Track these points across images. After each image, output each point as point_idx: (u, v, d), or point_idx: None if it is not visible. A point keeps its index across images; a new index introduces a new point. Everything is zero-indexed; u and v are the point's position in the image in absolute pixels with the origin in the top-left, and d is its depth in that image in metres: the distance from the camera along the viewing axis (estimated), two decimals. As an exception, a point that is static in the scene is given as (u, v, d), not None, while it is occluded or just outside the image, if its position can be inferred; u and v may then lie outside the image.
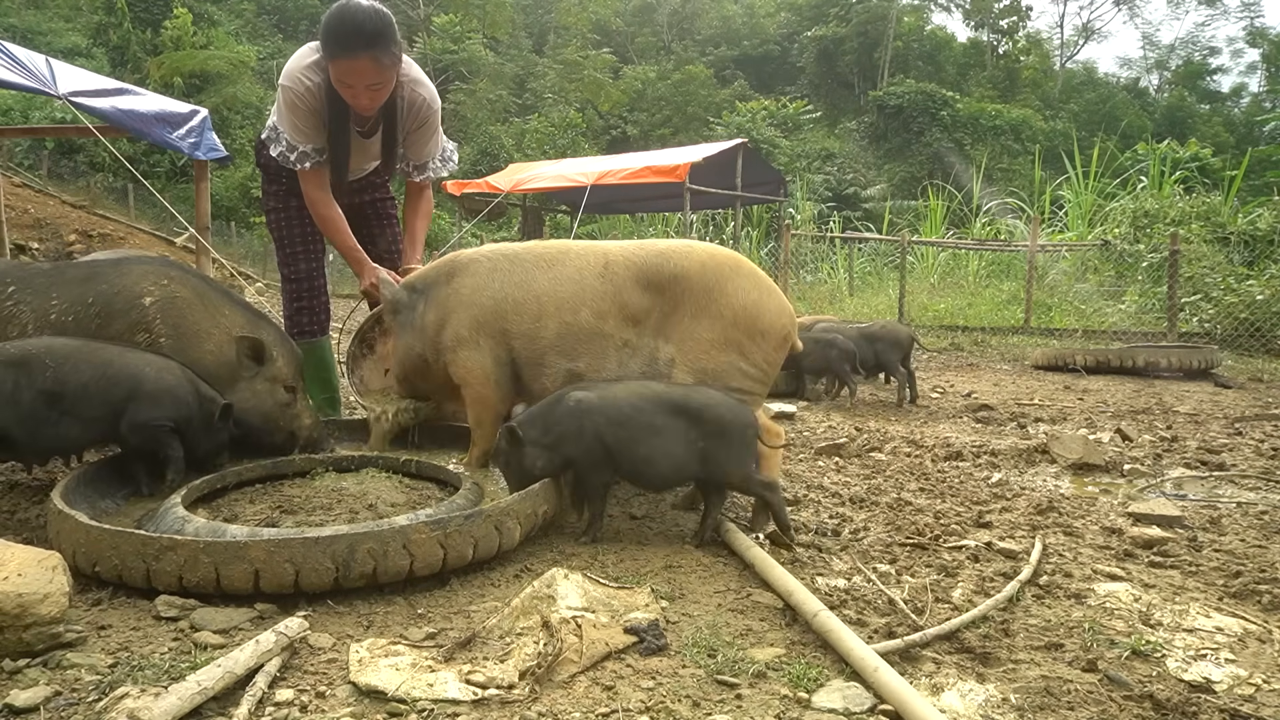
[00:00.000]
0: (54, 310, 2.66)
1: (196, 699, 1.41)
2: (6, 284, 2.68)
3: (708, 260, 2.50)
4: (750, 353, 2.45)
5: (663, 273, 2.50)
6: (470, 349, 2.65)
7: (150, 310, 2.70)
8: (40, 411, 2.32)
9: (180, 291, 2.77)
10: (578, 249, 2.66)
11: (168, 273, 2.81)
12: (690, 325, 2.46)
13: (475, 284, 2.68)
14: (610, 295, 2.53)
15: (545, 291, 2.59)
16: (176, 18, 24.86)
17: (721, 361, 2.44)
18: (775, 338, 2.46)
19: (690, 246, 2.56)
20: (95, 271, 2.79)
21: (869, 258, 16.12)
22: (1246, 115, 37.58)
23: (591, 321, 2.54)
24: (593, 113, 33.35)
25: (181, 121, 6.58)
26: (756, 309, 2.44)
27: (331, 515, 2.46)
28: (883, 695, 1.53)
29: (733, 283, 2.45)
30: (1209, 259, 9.77)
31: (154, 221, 20.25)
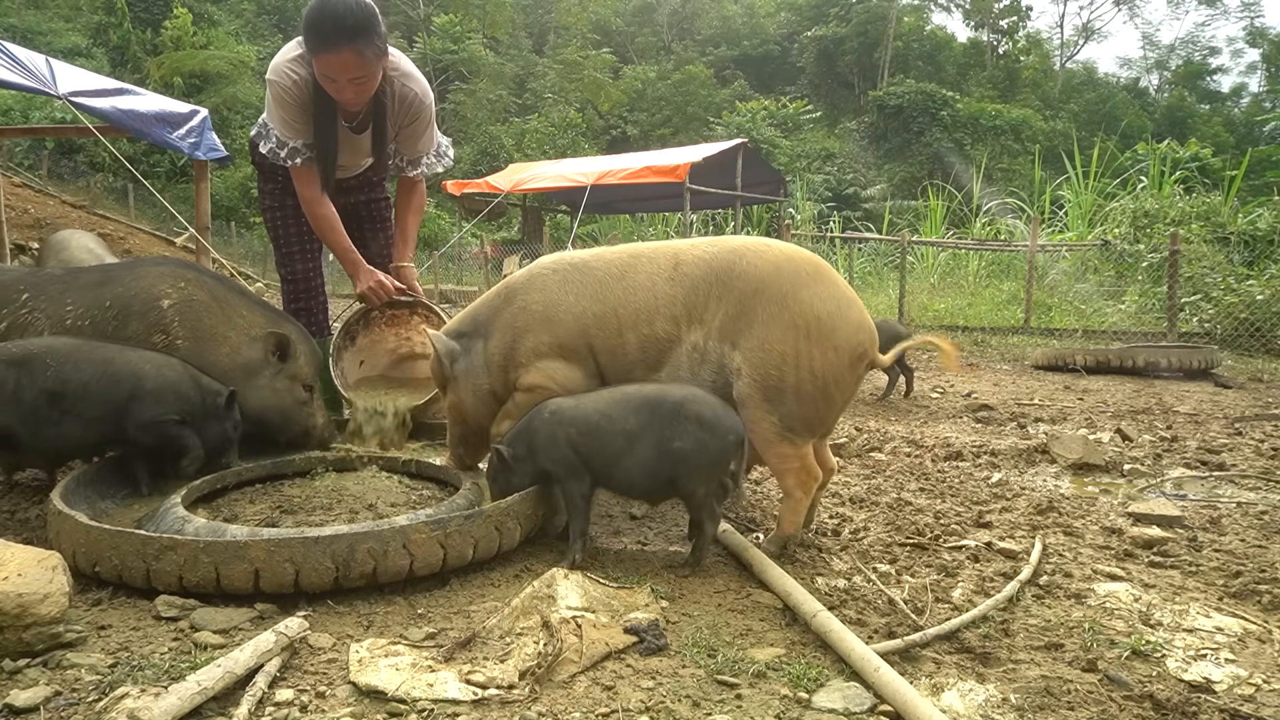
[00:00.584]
0: (70, 316, 2.64)
1: (196, 699, 1.41)
2: (20, 291, 2.67)
3: (784, 262, 2.28)
4: (820, 369, 2.21)
5: (734, 272, 2.29)
6: (553, 359, 2.44)
7: (168, 312, 2.70)
8: (42, 411, 2.31)
9: (197, 294, 2.77)
10: (648, 252, 2.47)
11: (184, 275, 2.81)
12: (761, 332, 2.23)
13: (547, 299, 2.47)
14: (681, 299, 2.35)
15: (621, 302, 2.39)
16: (176, 18, 24.86)
17: (791, 378, 2.20)
18: (849, 354, 2.21)
19: (767, 245, 2.35)
20: (110, 275, 2.79)
21: (869, 258, 16.12)
22: (1246, 115, 37.58)
23: (668, 329, 2.36)
24: (593, 113, 33.35)
25: (181, 121, 6.58)
26: (833, 320, 2.20)
27: (331, 515, 2.46)
28: (883, 695, 1.53)
29: (809, 289, 2.23)
30: (1209, 259, 9.77)
31: (154, 221, 20.25)
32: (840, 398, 2.27)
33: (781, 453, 2.24)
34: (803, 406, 2.20)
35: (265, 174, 3.31)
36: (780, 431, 2.20)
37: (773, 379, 2.19)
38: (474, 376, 2.54)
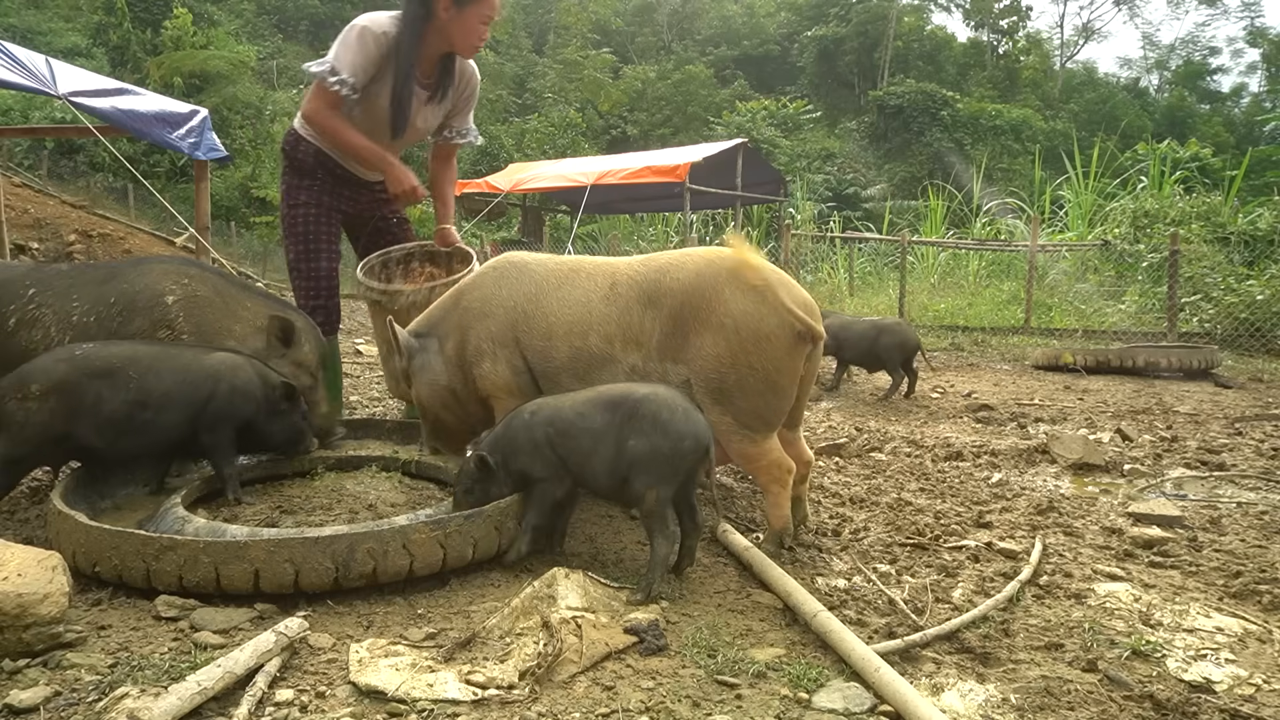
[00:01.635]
0: (76, 311, 2.66)
1: (196, 699, 1.41)
2: (26, 287, 2.69)
3: (703, 268, 2.32)
4: (759, 362, 2.22)
5: (661, 288, 2.34)
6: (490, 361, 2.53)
7: (173, 308, 2.72)
8: (122, 421, 2.31)
9: (201, 289, 2.80)
10: (589, 267, 2.52)
11: (188, 271, 2.84)
12: (695, 342, 2.27)
13: (484, 295, 2.57)
14: (616, 318, 2.38)
15: (553, 310, 2.46)
16: (176, 18, 24.84)
17: (732, 377, 2.23)
18: (782, 340, 2.21)
19: (685, 256, 2.39)
20: (115, 271, 2.81)
21: (869, 258, 16.12)
22: (1246, 115, 37.57)
23: (601, 346, 2.39)
24: (593, 113, 33.35)
25: (181, 121, 6.58)
26: (757, 310, 2.21)
27: (331, 515, 2.46)
28: (883, 695, 1.53)
29: (729, 288, 2.25)
30: (1209, 259, 9.77)
31: (154, 221, 20.24)
32: (788, 384, 2.27)
33: (744, 451, 2.27)
34: (752, 402, 2.23)
35: (304, 172, 3.29)
36: (737, 430, 2.24)
37: (714, 383, 2.23)
38: (430, 373, 2.63)
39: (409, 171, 3.13)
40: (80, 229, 15.30)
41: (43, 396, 2.23)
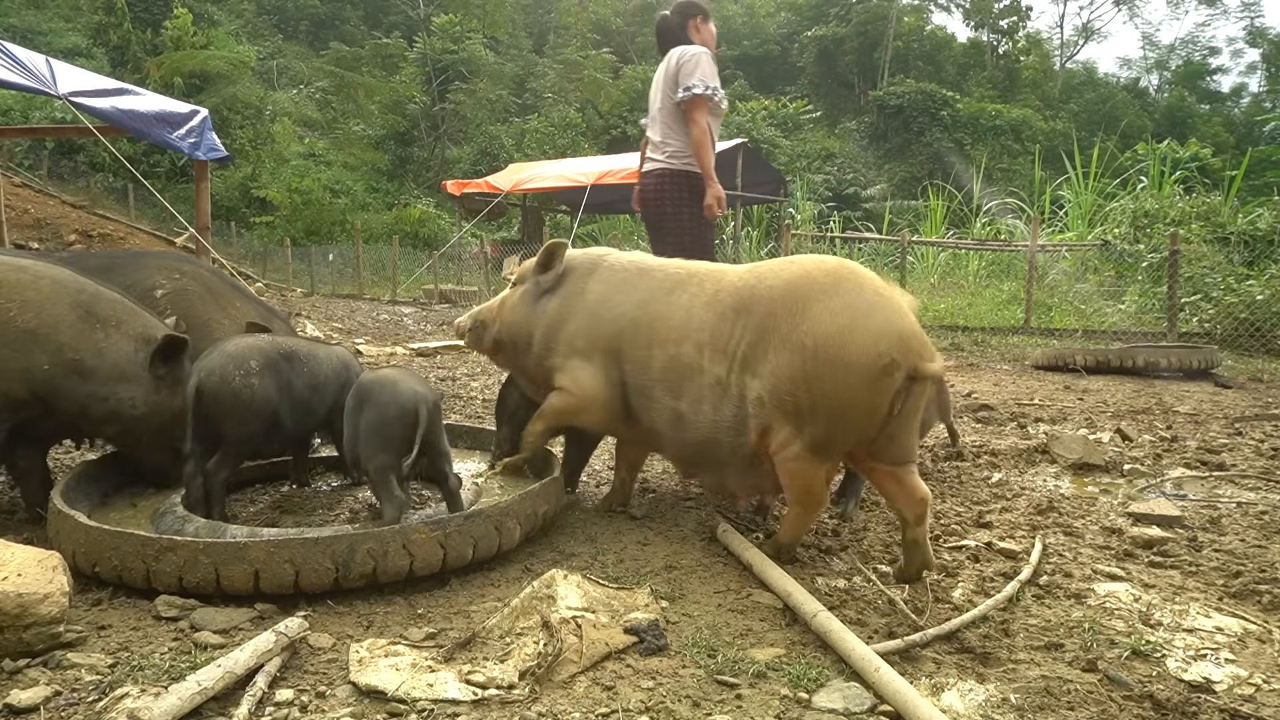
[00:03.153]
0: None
1: (196, 699, 1.41)
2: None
3: (798, 279, 2.10)
4: (832, 390, 1.98)
5: (755, 295, 2.15)
6: (582, 360, 2.41)
7: (161, 302, 2.79)
8: (302, 402, 2.42)
9: (191, 285, 2.87)
10: (703, 272, 2.37)
11: (181, 267, 2.92)
12: (773, 359, 2.07)
13: (603, 293, 2.45)
14: (711, 325, 2.22)
15: (659, 315, 2.32)
16: (176, 18, 24.85)
17: (805, 401, 2.01)
18: (864, 370, 1.94)
19: (788, 263, 2.19)
20: (114, 263, 2.90)
21: (869, 258, 16.11)
22: (1246, 115, 37.57)
23: (693, 356, 2.24)
24: (593, 113, 33.35)
25: (181, 121, 6.58)
26: (843, 336, 1.96)
27: (331, 516, 2.46)
28: (883, 695, 1.53)
29: (820, 304, 2.02)
30: (1209, 259, 9.76)
31: (154, 221, 20.25)
32: (862, 419, 2.00)
33: (792, 467, 2.10)
34: (824, 429, 2.02)
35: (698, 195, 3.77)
36: (803, 452, 2.06)
37: (786, 403, 2.04)
38: (525, 308, 2.58)
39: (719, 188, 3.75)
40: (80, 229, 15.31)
41: (261, 373, 2.31)
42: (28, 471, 2.38)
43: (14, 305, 2.19)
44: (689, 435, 2.28)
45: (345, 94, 30.81)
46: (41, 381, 2.21)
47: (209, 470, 2.27)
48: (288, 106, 29.90)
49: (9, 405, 2.20)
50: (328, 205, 24.17)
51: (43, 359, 2.20)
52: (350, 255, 19.25)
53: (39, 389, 2.21)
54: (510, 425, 2.68)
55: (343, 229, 23.14)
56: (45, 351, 2.21)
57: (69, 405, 2.26)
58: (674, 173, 3.76)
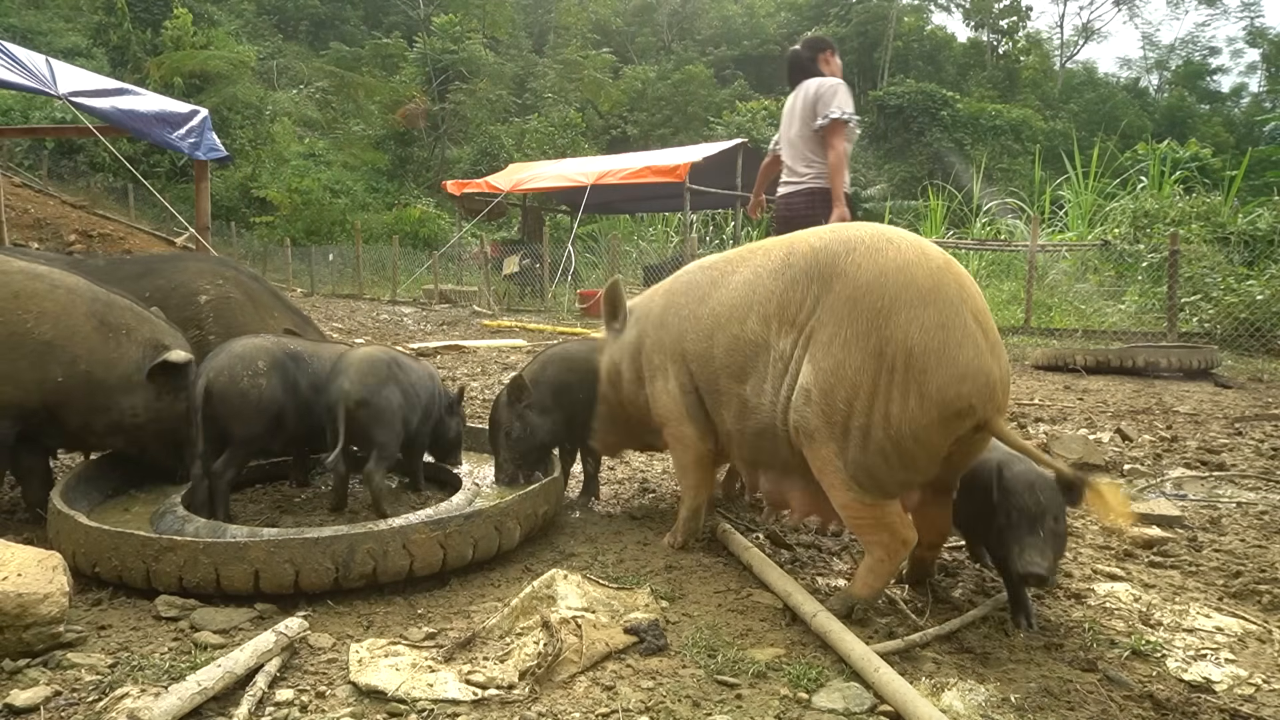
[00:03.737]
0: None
1: (196, 699, 1.41)
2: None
3: (897, 269, 1.76)
4: (897, 417, 1.70)
5: (836, 270, 1.82)
6: (661, 376, 2.25)
7: (205, 308, 2.82)
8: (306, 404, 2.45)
9: (233, 292, 2.89)
10: (769, 243, 2.09)
11: (223, 272, 2.93)
12: (839, 353, 1.76)
13: (669, 302, 2.27)
14: (779, 294, 1.92)
15: (720, 299, 2.08)
16: (176, 18, 24.85)
17: (859, 416, 1.74)
18: (940, 406, 1.67)
19: (888, 242, 1.83)
20: (151, 267, 2.91)
21: (869, 258, 16.09)
22: (1246, 115, 37.56)
23: (757, 330, 1.95)
24: (593, 113, 33.35)
25: (181, 121, 6.58)
26: (928, 359, 1.68)
27: (331, 516, 2.46)
28: (883, 695, 1.53)
29: (913, 311, 1.71)
30: (1209, 259, 9.76)
31: (154, 221, 20.23)
32: (925, 460, 1.75)
33: (849, 506, 1.83)
34: (871, 458, 1.75)
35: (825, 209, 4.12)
36: (847, 481, 1.79)
37: (840, 414, 1.76)
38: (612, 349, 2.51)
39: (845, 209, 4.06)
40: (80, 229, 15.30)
41: (268, 373, 2.34)
42: (29, 472, 2.38)
43: (31, 316, 2.19)
44: (749, 423, 2.00)
45: (345, 94, 30.81)
46: (52, 391, 2.21)
47: (215, 470, 2.28)
48: (288, 106, 29.89)
49: (21, 413, 2.21)
50: (328, 205, 24.17)
51: (57, 371, 2.20)
52: (350, 255, 19.26)
53: (50, 399, 2.21)
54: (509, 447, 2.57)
55: (343, 229, 23.15)
56: (60, 364, 2.20)
57: (75, 416, 2.26)
58: (824, 191, 4.10)
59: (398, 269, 17.36)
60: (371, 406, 2.36)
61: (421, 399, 2.59)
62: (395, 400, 2.42)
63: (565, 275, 13.86)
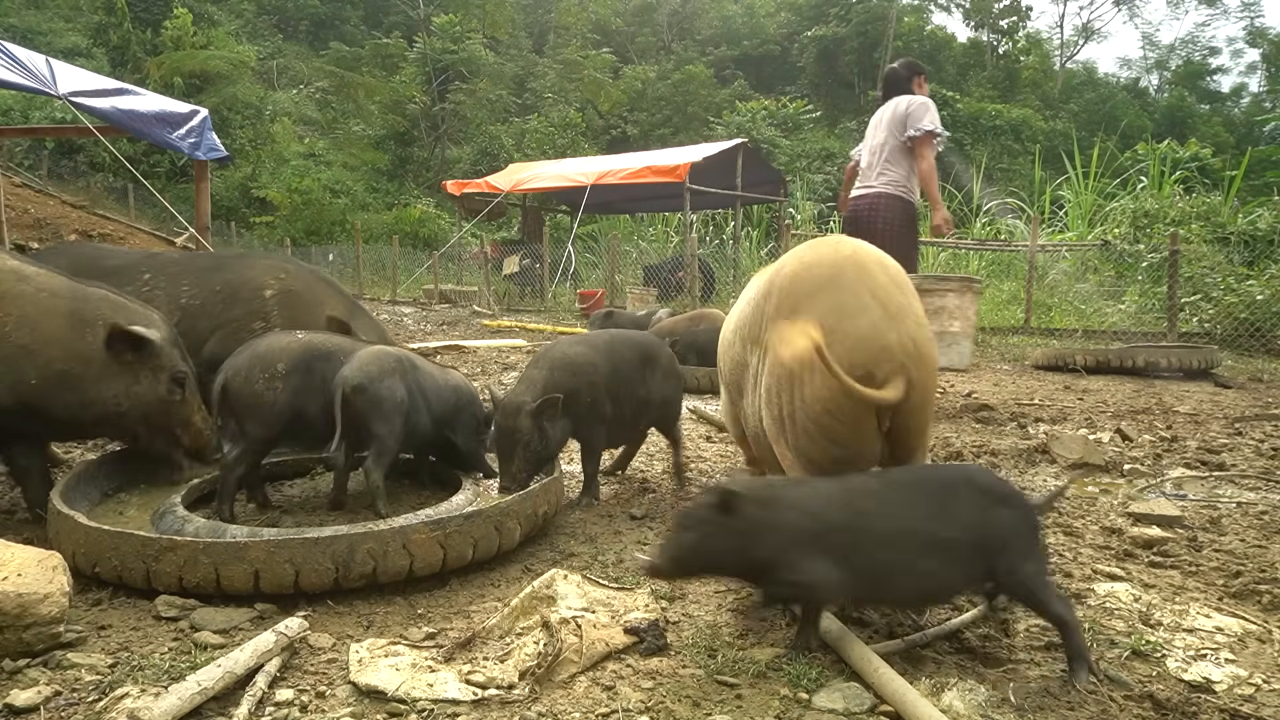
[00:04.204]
0: (184, 295, 2.98)
1: (196, 699, 1.41)
2: (143, 271, 3.03)
3: (807, 266, 1.97)
4: (810, 396, 1.83)
5: (774, 284, 2.03)
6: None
7: (269, 301, 2.99)
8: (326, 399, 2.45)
9: (295, 285, 3.06)
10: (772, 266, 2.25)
11: (285, 268, 3.15)
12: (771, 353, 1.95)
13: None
14: (750, 316, 2.12)
15: (727, 326, 2.36)
16: (176, 18, 24.84)
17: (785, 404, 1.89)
18: (823, 377, 1.78)
19: (809, 247, 2.07)
20: (222, 262, 3.15)
21: (869, 258, 16.10)
22: (1246, 115, 37.54)
23: (740, 352, 2.18)
24: (593, 113, 33.33)
25: (181, 121, 6.58)
26: (826, 336, 1.77)
27: (332, 515, 2.46)
28: (883, 695, 1.53)
29: (816, 299, 1.89)
30: (1209, 259, 9.76)
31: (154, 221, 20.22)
32: (845, 431, 1.84)
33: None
34: (801, 439, 1.88)
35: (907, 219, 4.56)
36: (795, 468, 1.94)
37: (776, 407, 1.91)
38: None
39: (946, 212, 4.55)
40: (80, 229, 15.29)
41: (286, 376, 2.35)
42: (27, 471, 2.38)
43: (10, 320, 2.19)
44: (749, 431, 2.21)
45: (345, 94, 30.79)
46: (29, 392, 2.19)
47: (225, 463, 2.30)
48: (288, 106, 29.88)
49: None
50: (328, 205, 24.17)
51: (31, 373, 2.19)
52: (350, 255, 19.25)
53: (27, 399, 2.20)
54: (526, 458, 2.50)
55: (343, 229, 23.14)
56: (35, 366, 2.19)
57: (60, 413, 2.24)
58: (889, 196, 4.45)
59: (398, 269, 17.36)
60: (368, 394, 2.33)
61: (434, 405, 2.56)
62: (396, 394, 2.39)
63: (565, 275, 13.87)
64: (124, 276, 2.90)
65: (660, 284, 12.37)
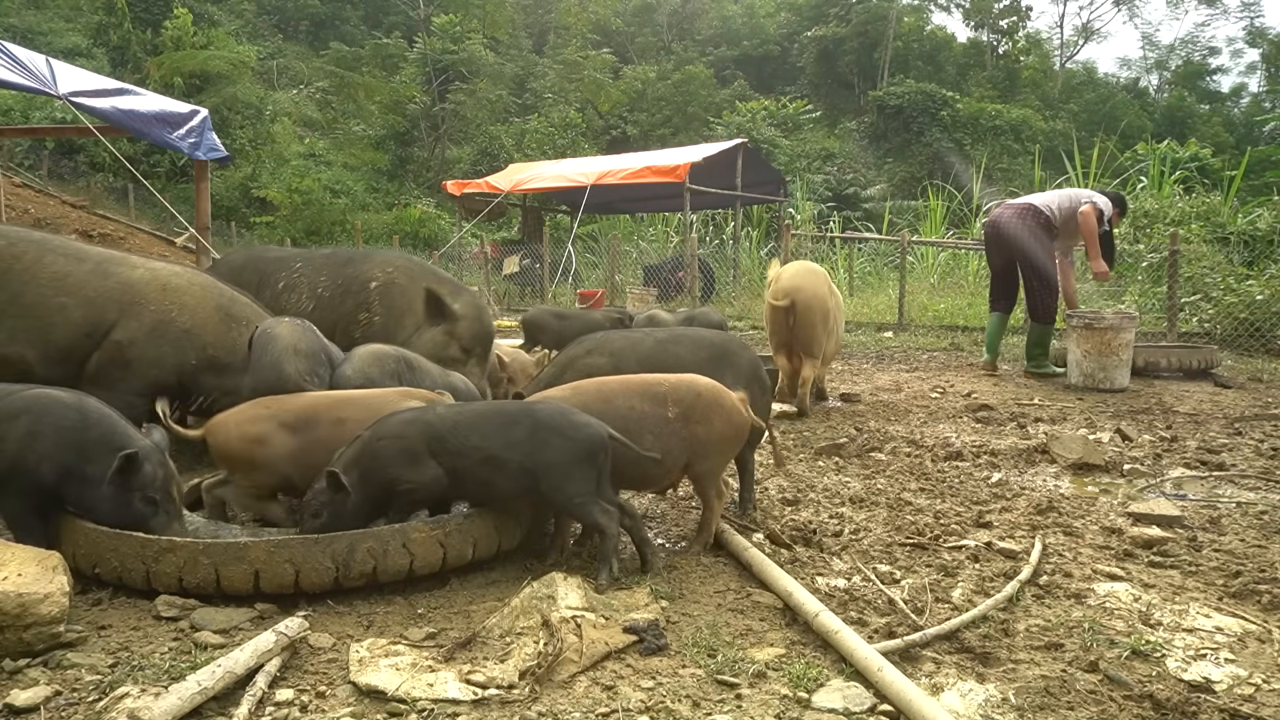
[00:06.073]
0: (321, 285, 3.36)
1: (196, 699, 1.41)
2: (295, 262, 3.50)
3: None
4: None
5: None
6: None
7: (373, 293, 3.31)
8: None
9: (398, 278, 3.33)
10: None
11: (394, 262, 3.46)
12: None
13: None
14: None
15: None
16: (176, 18, 24.81)
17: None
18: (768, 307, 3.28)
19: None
20: (352, 258, 3.53)
21: (869, 258, 16.09)
22: (1246, 115, 37.53)
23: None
24: (593, 113, 33.31)
25: (181, 121, 6.58)
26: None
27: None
28: (886, 695, 1.53)
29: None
30: (1209, 259, 9.74)
31: (154, 221, 20.23)
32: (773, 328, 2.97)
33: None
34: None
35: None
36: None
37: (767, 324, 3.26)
38: None
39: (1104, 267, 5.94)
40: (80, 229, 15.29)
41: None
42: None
43: (175, 307, 2.68)
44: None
45: (345, 94, 30.78)
46: (189, 374, 2.68)
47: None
48: (288, 106, 29.86)
49: (161, 391, 2.65)
50: (328, 205, 24.13)
51: (191, 355, 2.67)
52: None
53: (186, 380, 2.69)
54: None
55: (343, 229, 23.11)
56: (194, 348, 2.67)
57: (201, 394, 2.67)
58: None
59: (398, 269, 17.30)
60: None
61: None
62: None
63: (565, 275, 13.85)
64: (281, 264, 3.47)
65: (660, 284, 12.37)
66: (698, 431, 2.16)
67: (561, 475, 1.97)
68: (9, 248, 2.64)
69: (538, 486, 2.00)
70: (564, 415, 2.02)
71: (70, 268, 2.66)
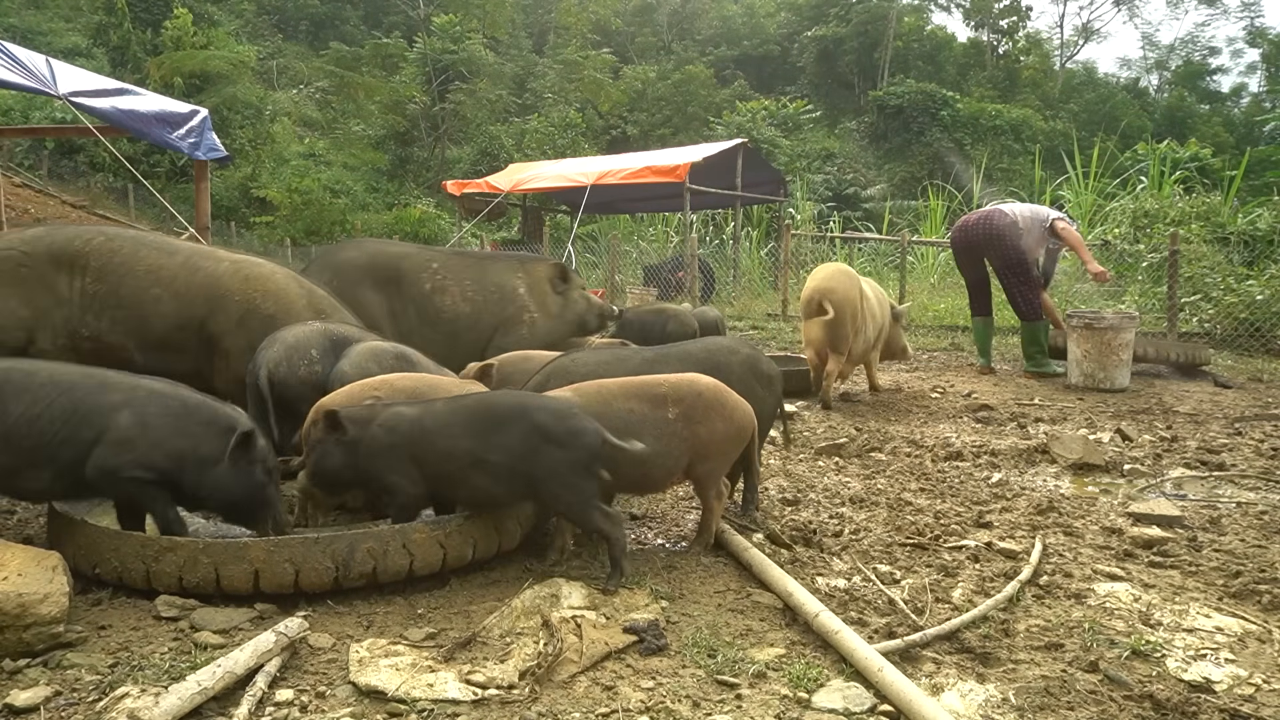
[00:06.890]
0: (467, 289, 3.68)
1: (196, 699, 1.41)
2: (432, 262, 3.77)
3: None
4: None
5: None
6: None
7: (524, 296, 3.76)
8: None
9: (534, 277, 3.83)
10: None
11: (524, 265, 3.91)
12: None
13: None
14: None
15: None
16: (176, 18, 24.81)
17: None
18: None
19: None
20: (488, 263, 3.90)
21: (869, 258, 16.09)
22: (1246, 115, 37.52)
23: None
24: (593, 113, 33.31)
25: (181, 121, 6.58)
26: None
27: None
28: (886, 695, 1.53)
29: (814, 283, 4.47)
30: (1209, 259, 9.74)
31: (154, 221, 20.22)
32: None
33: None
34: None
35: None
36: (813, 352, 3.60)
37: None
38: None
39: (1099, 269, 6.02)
40: (80, 229, 15.26)
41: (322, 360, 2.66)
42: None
43: (259, 294, 2.85)
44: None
45: (345, 94, 30.78)
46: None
47: None
48: (288, 106, 29.87)
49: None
50: (328, 205, 24.13)
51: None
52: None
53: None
54: None
55: (343, 229, 23.11)
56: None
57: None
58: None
59: (398, 269, 17.30)
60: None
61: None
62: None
63: (565, 275, 13.80)
64: (413, 261, 3.71)
65: (660, 284, 12.37)
66: (699, 432, 2.15)
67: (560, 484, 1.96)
68: (107, 243, 2.81)
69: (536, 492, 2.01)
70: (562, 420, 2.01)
71: (163, 261, 2.84)
